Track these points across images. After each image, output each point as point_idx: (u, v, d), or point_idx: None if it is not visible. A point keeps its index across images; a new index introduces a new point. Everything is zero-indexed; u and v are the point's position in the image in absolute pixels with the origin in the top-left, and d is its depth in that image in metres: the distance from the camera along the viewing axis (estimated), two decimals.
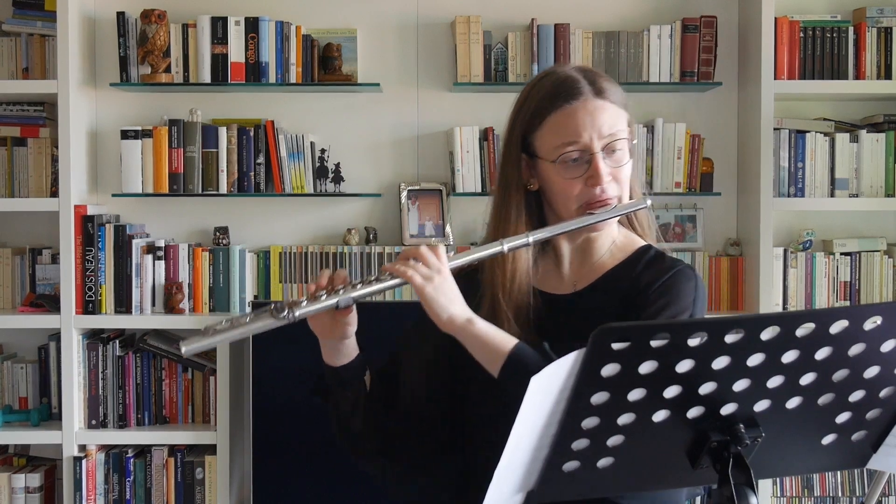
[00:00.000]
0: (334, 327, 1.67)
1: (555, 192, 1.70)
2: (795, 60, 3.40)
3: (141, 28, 3.36)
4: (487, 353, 1.58)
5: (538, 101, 1.69)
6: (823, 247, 3.55)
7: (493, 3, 3.50)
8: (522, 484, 1.29)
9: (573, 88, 1.68)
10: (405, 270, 1.58)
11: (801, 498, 3.45)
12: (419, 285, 1.57)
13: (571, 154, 1.66)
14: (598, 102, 1.68)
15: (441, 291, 1.58)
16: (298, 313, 1.58)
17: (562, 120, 1.67)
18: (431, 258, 1.59)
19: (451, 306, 1.58)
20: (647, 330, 1.17)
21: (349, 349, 1.71)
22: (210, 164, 3.40)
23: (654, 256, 1.75)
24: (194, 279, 3.39)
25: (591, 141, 1.66)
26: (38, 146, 3.42)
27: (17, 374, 3.43)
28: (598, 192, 1.67)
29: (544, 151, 1.68)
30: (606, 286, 1.72)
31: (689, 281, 1.70)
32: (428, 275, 1.58)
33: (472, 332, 1.58)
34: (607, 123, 1.67)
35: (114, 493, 3.31)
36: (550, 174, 1.68)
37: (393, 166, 3.54)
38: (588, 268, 1.76)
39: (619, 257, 1.75)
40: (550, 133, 1.68)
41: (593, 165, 1.66)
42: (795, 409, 1.28)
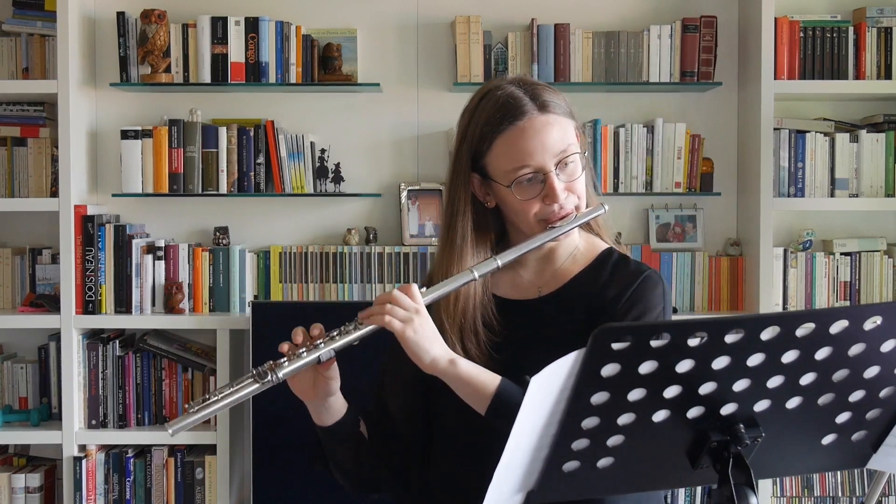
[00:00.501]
0: (318, 385, 1.65)
1: (514, 212, 1.69)
2: (795, 60, 3.40)
3: (141, 28, 3.36)
4: (472, 394, 1.58)
5: (483, 125, 1.67)
6: (823, 247, 3.55)
7: (493, 3, 3.50)
8: (522, 484, 1.29)
9: (516, 108, 1.65)
10: (382, 317, 1.56)
11: (801, 498, 3.45)
12: (399, 331, 1.56)
13: (525, 176, 1.65)
14: (544, 118, 1.66)
15: (421, 334, 1.57)
16: (282, 374, 1.57)
17: (510, 143, 1.65)
18: (406, 300, 1.57)
19: (432, 349, 1.57)
20: (648, 330, 1.17)
21: (337, 405, 1.70)
22: (210, 164, 3.40)
23: (617, 261, 1.75)
24: (194, 279, 3.39)
25: (542, 161, 1.64)
26: (38, 146, 3.42)
27: (17, 374, 3.43)
28: (556, 208, 1.66)
29: (497, 175, 1.67)
30: (572, 292, 1.72)
31: (657, 287, 1.70)
32: (406, 317, 1.56)
33: (456, 374, 1.58)
34: (557, 139, 1.65)
35: (114, 493, 3.31)
36: (506, 197, 1.68)
37: (393, 166, 3.54)
38: (551, 274, 1.75)
39: (583, 262, 1.75)
40: (500, 157, 1.66)
41: (548, 184, 1.65)
42: (795, 409, 1.28)
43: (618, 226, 3.54)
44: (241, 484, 3.46)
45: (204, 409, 1.53)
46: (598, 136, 3.42)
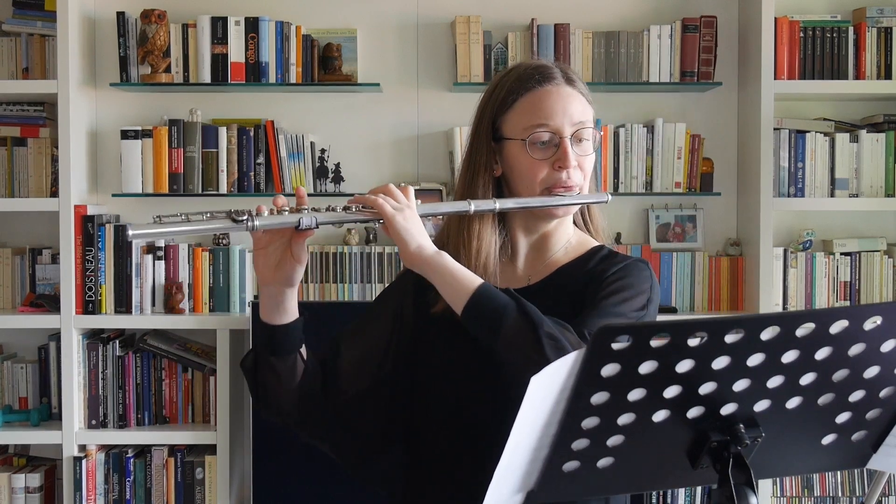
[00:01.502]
0: (282, 266, 1.61)
1: (520, 173, 1.70)
2: (795, 60, 3.40)
3: (141, 28, 3.36)
4: (454, 287, 1.56)
5: (510, 85, 1.71)
6: (823, 247, 3.55)
7: (493, 3, 3.50)
8: (522, 484, 1.29)
9: (546, 72, 1.70)
10: (375, 199, 1.57)
11: (801, 498, 3.45)
12: (389, 214, 1.56)
13: (542, 135, 1.67)
14: (569, 90, 1.70)
15: (411, 222, 1.57)
16: (259, 223, 1.51)
17: (534, 100, 1.68)
18: (400, 195, 1.60)
19: (420, 237, 1.57)
20: (648, 330, 1.17)
21: (291, 306, 1.64)
22: (210, 164, 3.40)
23: (607, 254, 1.76)
24: (194, 279, 3.39)
25: (561, 125, 1.67)
26: (38, 146, 3.43)
27: (17, 374, 3.43)
28: (564, 176, 1.67)
29: (514, 131, 1.69)
30: (559, 281, 1.73)
31: (643, 271, 1.70)
32: (398, 206, 1.57)
33: (441, 263, 1.56)
34: (577, 111, 1.69)
35: (114, 493, 3.31)
36: (518, 154, 1.69)
37: (393, 166, 3.54)
38: (542, 263, 1.76)
39: (573, 255, 1.76)
40: (522, 112, 1.69)
41: (562, 149, 1.67)
42: (795, 409, 1.28)
43: (618, 226, 3.54)
44: (241, 484, 3.46)
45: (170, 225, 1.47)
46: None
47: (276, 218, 1.53)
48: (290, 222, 1.54)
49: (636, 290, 1.66)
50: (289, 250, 1.61)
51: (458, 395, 1.67)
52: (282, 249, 1.61)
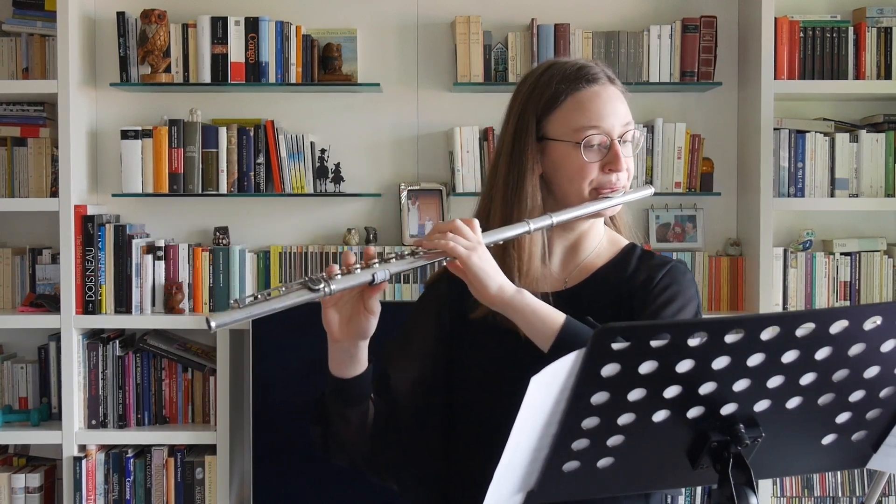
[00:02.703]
0: (354, 321, 1.57)
1: (568, 175, 1.67)
2: (795, 60, 3.40)
3: (141, 28, 3.36)
4: (538, 326, 1.52)
5: (556, 84, 1.67)
6: (823, 247, 3.55)
7: (493, 3, 3.50)
8: (522, 484, 1.29)
9: (592, 72, 1.68)
10: (446, 243, 1.51)
11: (801, 498, 3.45)
12: (464, 256, 1.50)
13: (593, 138, 1.65)
14: (613, 89, 1.69)
15: (487, 262, 1.52)
16: (335, 287, 1.46)
17: (583, 101, 1.66)
18: (469, 231, 1.53)
19: (498, 276, 1.53)
20: (647, 330, 1.17)
21: (363, 355, 1.60)
22: (210, 164, 3.40)
23: (642, 254, 1.75)
24: (194, 279, 3.39)
25: (611, 127, 1.66)
26: (38, 146, 3.43)
27: (17, 374, 3.43)
28: (614, 178, 1.66)
29: (563, 132, 1.66)
30: (598, 283, 1.71)
31: (686, 273, 1.70)
32: (471, 246, 1.52)
33: (524, 302, 1.53)
34: (623, 111, 1.68)
35: (114, 493, 3.31)
36: (567, 156, 1.66)
37: (393, 166, 3.54)
38: (576, 265, 1.75)
39: (607, 256, 1.75)
40: (571, 114, 1.66)
41: (612, 151, 1.65)
42: (795, 409, 1.28)
43: None
44: (241, 484, 3.46)
45: (249, 308, 1.44)
46: None
47: (350, 279, 1.48)
48: (364, 280, 1.49)
49: (686, 297, 1.66)
50: (361, 303, 1.56)
51: (493, 398, 1.64)
52: (353, 303, 1.56)
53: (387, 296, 3.37)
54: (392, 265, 1.50)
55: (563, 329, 1.51)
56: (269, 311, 1.45)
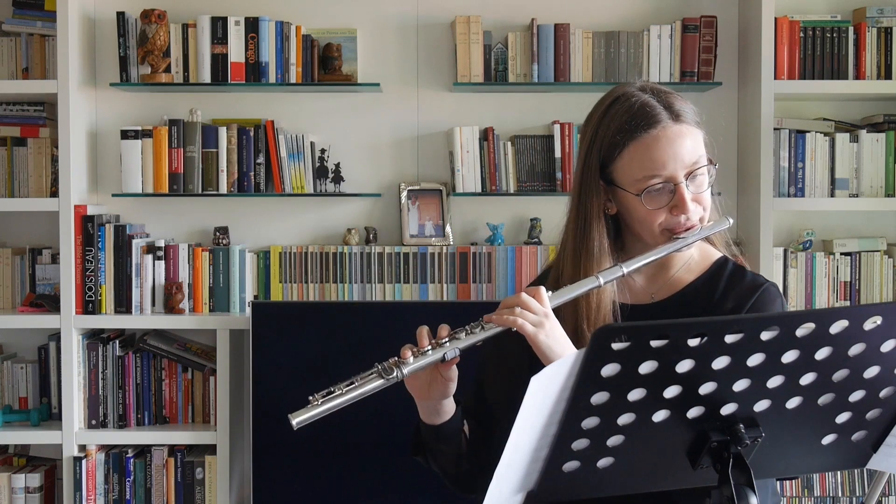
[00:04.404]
0: (434, 386, 1.64)
1: (638, 221, 1.68)
2: (795, 60, 3.40)
3: (141, 28, 3.36)
4: None
5: (615, 130, 1.66)
6: (823, 247, 3.55)
7: (493, 3, 3.50)
8: (522, 484, 1.29)
9: (650, 116, 1.65)
10: (515, 319, 1.54)
11: (801, 498, 3.45)
12: (532, 334, 1.54)
13: (655, 186, 1.64)
14: (677, 128, 1.65)
15: (553, 338, 1.55)
16: (407, 371, 1.56)
17: (642, 151, 1.64)
18: (535, 304, 1.56)
19: (565, 349, 1.56)
20: (647, 330, 1.17)
21: (448, 406, 1.68)
22: (210, 164, 3.40)
23: (733, 271, 1.73)
24: (194, 279, 3.39)
25: (674, 172, 1.63)
26: (38, 146, 3.42)
27: (17, 374, 3.43)
28: (683, 220, 1.65)
29: (626, 183, 1.66)
30: (686, 300, 1.71)
31: (775, 300, 1.68)
32: (537, 321, 1.55)
33: None
34: (689, 150, 1.65)
35: (114, 493, 3.31)
36: (633, 204, 1.66)
37: (393, 166, 3.54)
38: (664, 280, 1.74)
39: (697, 271, 1.74)
40: (631, 164, 1.65)
41: (678, 195, 1.64)
42: (795, 409, 1.28)
43: None
44: (241, 484, 3.46)
45: (328, 401, 1.53)
46: None
47: (421, 360, 1.58)
48: (435, 360, 1.58)
49: None
50: (438, 374, 1.63)
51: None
52: (432, 373, 1.63)
53: (387, 296, 3.37)
54: (460, 342, 1.58)
55: None
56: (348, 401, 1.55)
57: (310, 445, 3.15)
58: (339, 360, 3.08)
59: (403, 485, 3.13)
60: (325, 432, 1.82)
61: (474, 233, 3.53)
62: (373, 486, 3.18)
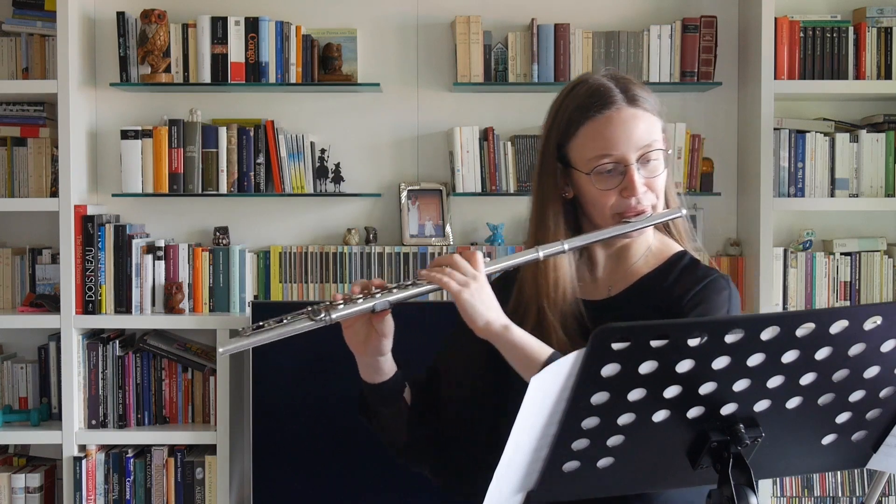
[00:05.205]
0: (369, 341, 1.65)
1: (589, 202, 1.69)
2: (795, 60, 3.40)
3: (141, 28, 3.36)
4: (523, 361, 1.56)
5: (571, 111, 1.68)
6: (823, 247, 3.55)
7: (493, 3, 3.50)
8: (522, 484, 1.29)
9: (606, 97, 1.66)
10: (441, 277, 1.57)
11: (801, 498, 3.45)
12: (455, 291, 1.56)
13: (606, 166, 1.65)
14: (632, 111, 1.66)
15: (478, 298, 1.57)
16: (335, 315, 1.57)
17: (595, 131, 1.66)
18: (466, 265, 1.59)
19: (488, 312, 1.57)
20: (647, 330, 1.17)
21: (386, 366, 1.70)
22: (210, 164, 3.40)
23: (687, 264, 1.73)
24: (194, 279, 3.39)
25: (625, 152, 1.64)
26: (38, 146, 3.43)
27: (17, 374, 3.43)
28: (633, 202, 1.66)
29: (579, 163, 1.67)
30: (640, 292, 1.71)
31: (722, 291, 1.67)
32: (464, 281, 1.57)
33: (509, 339, 1.57)
34: (642, 133, 1.66)
35: (114, 493, 3.31)
36: (585, 185, 1.68)
37: (393, 166, 3.54)
38: (622, 273, 1.75)
39: (654, 263, 1.74)
40: (584, 144, 1.67)
41: (628, 177, 1.65)
42: (795, 409, 1.28)
43: None
44: (241, 484, 3.46)
45: (256, 334, 1.56)
46: None
47: (351, 307, 1.60)
48: (364, 309, 1.60)
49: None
50: (372, 328, 1.65)
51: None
52: (366, 327, 1.65)
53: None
54: (391, 295, 1.60)
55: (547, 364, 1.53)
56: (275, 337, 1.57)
57: (310, 445, 3.15)
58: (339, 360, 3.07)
59: (403, 485, 3.13)
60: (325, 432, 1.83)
61: (474, 233, 3.53)
62: (373, 486, 3.18)
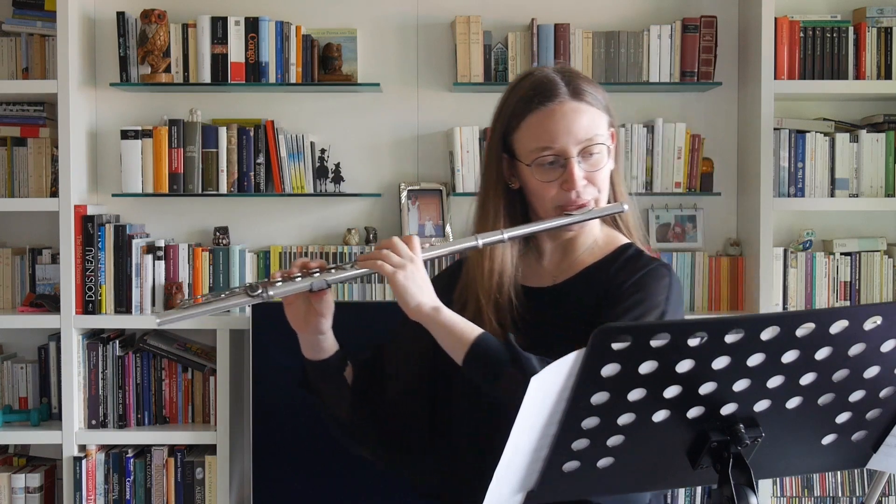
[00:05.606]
0: (309, 319, 1.68)
1: (532, 194, 1.71)
2: (795, 60, 3.40)
3: (141, 28, 3.36)
4: (452, 341, 1.59)
5: (516, 103, 1.71)
6: (823, 247, 3.55)
7: (493, 3, 3.50)
8: (522, 484, 1.29)
9: (550, 90, 1.68)
10: (375, 261, 1.60)
11: (801, 498, 3.45)
12: (389, 273, 1.59)
13: (546, 158, 1.67)
14: (575, 104, 1.68)
15: (411, 280, 1.60)
16: (272, 292, 1.60)
17: (537, 123, 1.68)
18: (403, 248, 1.61)
19: (419, 294, 1.60)
20: (648, 330, 1.17)
21: (326, 345, 1.73)
22: (210, 164, 3.40)
23: (631, 255, 1.75)
24: (194, 279, 3.39)
25: (565, 145, 1.66)
26: (38, 146, 3.42)
27: (17, 374, 3.43)
28: (574, 196, 1.68)
29: (522, 154, 1.70)
30: (584, 281, 1.74)
31: (662, 279, 1.69)
32: (399, 263, 1.60)
33: (438, 320, 1.60)
34: (584, 127, 1.67)
35: (114, 493, 3.31)
36: (527, 176, 1.70)
37: (393, 166, 3.54)
38: (568, 263, 1.77)
39: (599, 255, 1.76)
40: (526, 136, 1.69)
41: (568, 170, 1.67)
42: (795, 409, 1.28)
43: None
44: (241, 484, 3.46)
45: (194, 307, 1.60)
46: None
47: (289, 286, 1.62)
48: (302, 288, 1.63)
49: (651, 304, 1.65)
50: (311, 306, 1.68)
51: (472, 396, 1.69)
52: (306, 305, 1.68)
53: (387, 296, 3.37)
54: (330, 275, 1.63)
55: (474, 346, 1.57)
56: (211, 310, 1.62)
57: (310, 445, 3.15)
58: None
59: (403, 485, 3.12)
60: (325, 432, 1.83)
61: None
62: (373, 486, 3.17)
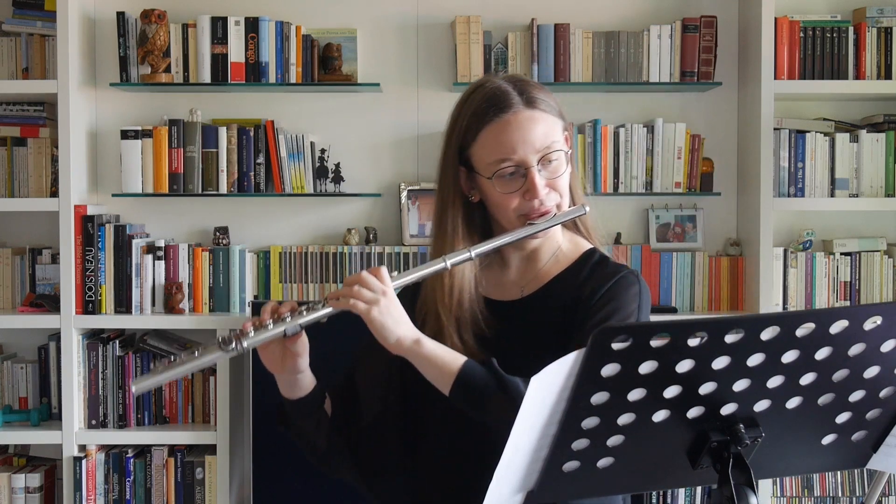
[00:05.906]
0: (285, 360, 1.66)
1: (494, 206, 1.70)
2: (795, 60, 3.40)
3: (141, 28, 3.36)
4: (436, 373, 1.58)
5: (470, 116, 1.70)
6: (823, 247, 3.55)
7: (493, 3, 3.50)
8: (522, 484, 1.29)
9: (503, 101, 1.67)
10: (347, 301, 1.56)
11: (801, 498, 3.45)
12: (363, 311, 1.55)
13: (507, 169, 1.65)
14: (529, 113, 1.66)
15: (386, 314, 1.56)
16: (247, 343, 1.59)
17: (494, 135, 1.66)
18: (373, 281, 1.57)
19: (397, 328, 1.57)
20: (648, 330, 1.17)
21: (304, 382, 1.71)
22: (210, 164, 3.40)
23: (597, 262, 1.74)
24: (194, 279, 3.39)
25: (525, 155, 1.65)
26: (38, 146, 3.42)
27: (17, 374, 3.43)
28: (536, 204, 1.66)
29: (481, 167, 1.68)
30: (552, 292, 1.72)
31: (632, 287, 1.68)
32: (372, 298, 1.56)
33: (421, 353, 1.57)
34: (541, 135, 1.66)
35: (114, 493, 3.31)
36: (488, 189, 1.68)
37: (393, 166, 3.54)
38: (534, 274, 1.75)
39: (564, 263, 1.75)
40: (484, 149, 1.67)
41: (529, 179, 1.65)
42: (795, 409, 1.28)
43: (618, 226, 3.54)
44: (241, 484, 3.46)
45: (168, 370, 1.58)
46: (598, 136, 3.41)
47: (262, 334, 1.61)
48: (275, 335, 1.61)
49: (623, 313, 1.65)
50: (287, 349, 1.66)
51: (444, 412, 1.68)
52: (281, 347, 1.66)
53: None
54: (301, 318, 1.60)
55: (459, 377, 1.56)
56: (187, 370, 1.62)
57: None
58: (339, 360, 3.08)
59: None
60: None
61: None
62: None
